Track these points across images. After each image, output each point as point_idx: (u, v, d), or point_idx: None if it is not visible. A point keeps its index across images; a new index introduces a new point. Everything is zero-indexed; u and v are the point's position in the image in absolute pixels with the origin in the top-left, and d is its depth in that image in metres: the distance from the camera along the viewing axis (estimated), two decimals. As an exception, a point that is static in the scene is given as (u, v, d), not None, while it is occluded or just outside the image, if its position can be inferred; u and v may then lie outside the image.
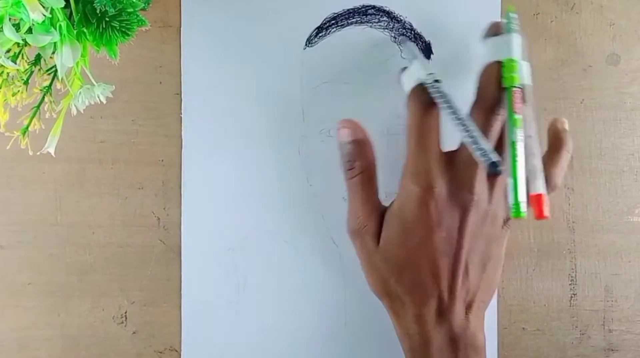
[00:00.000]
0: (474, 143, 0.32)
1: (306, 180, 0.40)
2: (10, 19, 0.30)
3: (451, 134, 0.34)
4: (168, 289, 0.40)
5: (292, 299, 0.40)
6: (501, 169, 0.31)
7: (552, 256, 0.41)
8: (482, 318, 0.36)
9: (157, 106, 0.40)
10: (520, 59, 0.35)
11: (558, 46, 0.41)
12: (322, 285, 0.40)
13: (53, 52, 0.32)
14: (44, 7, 0.29)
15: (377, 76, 0.40)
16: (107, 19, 0.31)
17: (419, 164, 0.35)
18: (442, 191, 0.34)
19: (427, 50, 0.40)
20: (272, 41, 0.40)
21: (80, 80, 0.33)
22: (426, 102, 0.34)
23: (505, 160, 0.33)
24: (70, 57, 0.31)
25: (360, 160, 0.36)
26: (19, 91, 0.33)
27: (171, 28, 0.40)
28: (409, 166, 0.35)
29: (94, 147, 0.40)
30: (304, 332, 0.40)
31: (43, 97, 0.34)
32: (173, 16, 0.40)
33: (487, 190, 0.35)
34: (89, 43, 0.32)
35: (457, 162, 0.35)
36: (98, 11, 0.31)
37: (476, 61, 0.36)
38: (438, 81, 0.34)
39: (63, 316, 0.40)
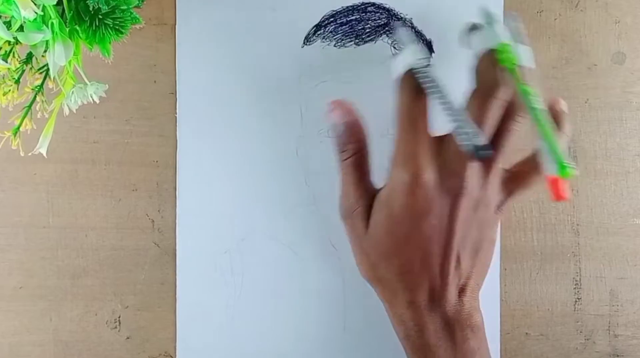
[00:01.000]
0: (459, 127, 0.32)
1: (304, 181, 0.40)
2: (1, 17, 0.30)
3: (445, 123, 0.34)
4: (163, 293, 0.40)
5: (289, 303, 0.40)
6: (489, 152, 0.31)
7: (556, 259, 0.41)
8: (477, 298, 0.36)
9: (152, 106, 0.40)
10: (511, 42, 0.34)
11: (562, 44, 0.41)
12: (321, 288, 0.40)
13: (45, 51, 0.32)
14: (35, 5, 0.29)
15: (377, 75, 0.40)
16: (100, 17, 0.31)
17: (408, 151, 0.34)
18: (430, 178, 0.34)
19: (428, 48, 0.40)
20: (269, 39, 0.40)
21: (72, 79, 0.33)
22: (415, 87, 0.34)
23: (533, 129, 0.33)
24: (63, 55, 0.31)
25: (352, 142, 0.36)
26: (10, 90, 0.33)
27: (166, 26, 0.40)
28: (398, 152, 0.34)
29: (86, 147, 0.40)
30: (302, 337, 0.40)
31: (35, 97, 0.34)
32: (168, 13, 0.40)
33: (480, 176, 0.35)
34: (81, 41, 0.32)
35: (448, 148, 0.34)
36: (91, 8, 0.31)
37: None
38: (428, 66, 0.34)
39: (55, 321, 0.40)
